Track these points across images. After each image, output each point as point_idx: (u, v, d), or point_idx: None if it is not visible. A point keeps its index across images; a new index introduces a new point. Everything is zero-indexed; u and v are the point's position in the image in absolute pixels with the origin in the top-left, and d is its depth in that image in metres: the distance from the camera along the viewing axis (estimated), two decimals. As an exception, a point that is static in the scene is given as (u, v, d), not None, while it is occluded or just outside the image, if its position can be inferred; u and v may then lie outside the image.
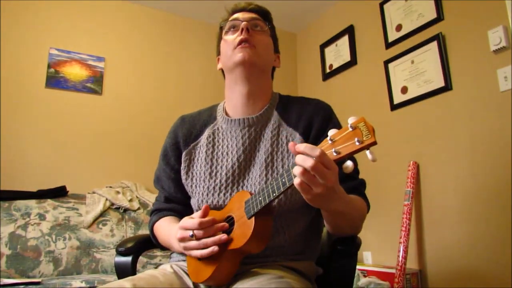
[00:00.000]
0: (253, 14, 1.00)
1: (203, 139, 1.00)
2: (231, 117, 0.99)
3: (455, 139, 1.95)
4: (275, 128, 0.95)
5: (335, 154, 0.61)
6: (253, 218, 0.73)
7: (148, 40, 2.80)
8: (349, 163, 0.61)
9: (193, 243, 0.77)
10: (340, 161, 0.62)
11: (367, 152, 0.59)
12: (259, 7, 1.03)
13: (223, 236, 0.75)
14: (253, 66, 0.95)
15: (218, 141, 0.98)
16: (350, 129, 0.60)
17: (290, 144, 0.66)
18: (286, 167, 0.68)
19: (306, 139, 0.92)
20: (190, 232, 0.77)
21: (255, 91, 0.98)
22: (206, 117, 1.04)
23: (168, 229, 0.94)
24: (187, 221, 0.80)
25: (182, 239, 0.79)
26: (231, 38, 0.97)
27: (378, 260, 2.29)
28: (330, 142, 0.63)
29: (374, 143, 0.57)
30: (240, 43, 0.94)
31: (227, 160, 0.94)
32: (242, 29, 0.94)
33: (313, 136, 0.92)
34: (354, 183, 0.91)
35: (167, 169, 1.04)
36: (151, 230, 1.04)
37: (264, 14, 1.03)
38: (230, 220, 0.80)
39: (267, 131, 0.95)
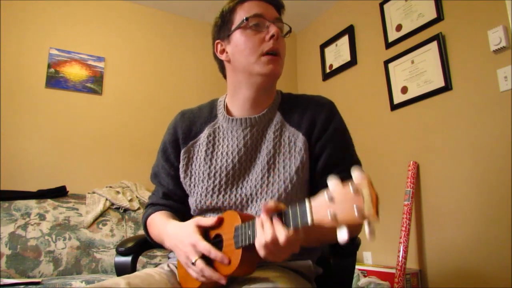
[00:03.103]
0: (275, 10, 0.93)
1: (203, 137, 0.96)
2: (233, 115, 0.96)
3: (455, 139, 1.95)
4: (277, 128, 0.92)
5: (329, 217, 0.53)
6: (241, 249, 0.71)
7: (148, 40, 2.80)
8: (343, 233, 0.52)
9: (191, 271, 0.78)
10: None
11: (366, 225, 0.50)
12: (280, 2, 0.96)
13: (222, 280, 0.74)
14: (276, 78, 0.93)
15: (218, 141, 0.95)
16: (351, 190, 0.51)
17: (264, 206, 0.66)
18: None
19: (308, 138, 0.90)
20: (193, 259, 0.76)
21: (262, 96, 0.95)
22: (207, 114, 1.00)
23: (163, 225, 0.91)
24: (201, 242, 0.76)
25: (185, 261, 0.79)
26: (255, 39, 0.89)
27: (378, 260, 2.29)
28: (327, 198, 0.54)
29: (375, 221, 0.49)
30: (270, 52, 0.88)
31: (226, 161, 0.92)
32: (273, 36, 0.87)
33: (316, 135, 0.90)
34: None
35: (166, 166, 1.01)
36: (144, 222, 1.01)
37: (280, 8, 0.96)
38: (218, 239, 0.79)
39: (269, 131, 0.92)
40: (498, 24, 1.78)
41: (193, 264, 0.75)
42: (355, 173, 0.52)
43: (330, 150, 0.89)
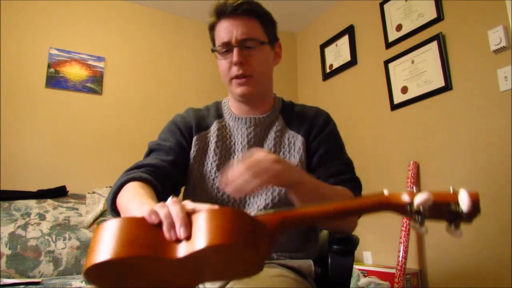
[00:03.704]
0: (243, 21, 0.92)
1: (213, 130, 1.00)
2: (237, 115, 1.01)
3: (455, 139, 1.95)
4: (278, 129, 0.99)
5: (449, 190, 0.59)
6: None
7: (148, 40, 2.80)
8: (464, 195, 0.56)
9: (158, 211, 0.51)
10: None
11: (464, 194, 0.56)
12: (248, 7, 0.93)
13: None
14: (253, 95, 0.97)
15: (226, 137, 1.00)
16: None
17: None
18: None
19: (306, 139, 0.97)
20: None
21: (255, 104, 1.00)
22: (214, 111, 1.05)
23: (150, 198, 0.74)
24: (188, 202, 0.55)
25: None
26: (224, 64, 0.94)
27: (378, 260, 2.29)
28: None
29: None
30: (235, 77, 0.93)
31: (233, 157, 0.97)
32: (235, 63, 0.91)
33: (313, 136, 0.97)
34: (342, 178, 0.91)
35: (182, 141, 0.98)
36: (126, 181, 0.81)
37: (256, 15, 0.95)
38: None
39: (271, 132, 0.99)
40: (498, 24, 1.78)
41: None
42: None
43: (325, 149, 0.96)
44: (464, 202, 0.52)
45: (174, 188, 0.93)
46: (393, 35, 2.36)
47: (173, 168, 0.92)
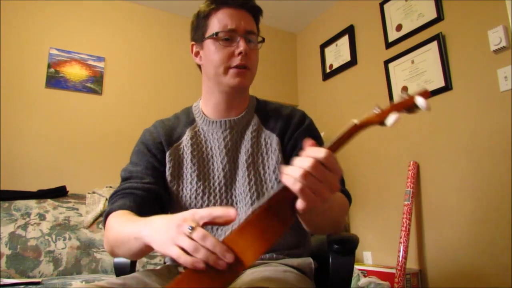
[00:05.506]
0: (247, 15, 0.93)
1: (185, 139, 0.96)
2: (210, 118, 0.97)
3: (455, 139, 1.95)
4: (254, 129, 0.96)
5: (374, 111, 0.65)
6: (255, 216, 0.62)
7: (148, 40, 2.80)
8: (392, 118, 0.63)
9: (185, 243, 0.57)
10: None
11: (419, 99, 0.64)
12: (254, 4, 0.94)
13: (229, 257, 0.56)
14: (245, 89, 0.96)
15: (201, 143, 0.96)
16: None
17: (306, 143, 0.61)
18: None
19: (281, 139, 0.94)
20: (190, 225, 0.57)
21: (234, 101, 0.97)
22: (185, 118, 1.01)
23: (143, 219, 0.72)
24: (201, 210, 0.60)
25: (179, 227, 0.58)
26: (225, 53, 0.89)
27: (378, 260, 2.29)
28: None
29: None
30: (238, 66, 0.89)
31: (212, 164, 0.94)
32: (241, 53, 0.88)
33: (288, 136, 0.95)
34: None
35: (153, 162, 0.93)
36: (111, 212, 0.84)
37: (257, 13, 0.96)
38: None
39: (247, 132, 0.96)
40: (498, 24, 1.79)
41: (190, 232, 0.56)
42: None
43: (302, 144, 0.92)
44: (422, 105, 0.63)
45: (162, 207, 0.91)
46: (393, 35, 2.36)
47: (148, 193, 0.89)
